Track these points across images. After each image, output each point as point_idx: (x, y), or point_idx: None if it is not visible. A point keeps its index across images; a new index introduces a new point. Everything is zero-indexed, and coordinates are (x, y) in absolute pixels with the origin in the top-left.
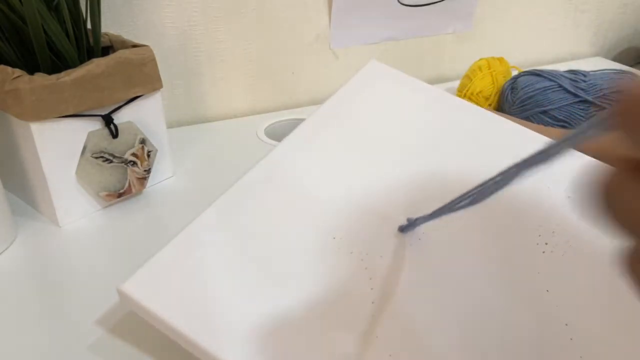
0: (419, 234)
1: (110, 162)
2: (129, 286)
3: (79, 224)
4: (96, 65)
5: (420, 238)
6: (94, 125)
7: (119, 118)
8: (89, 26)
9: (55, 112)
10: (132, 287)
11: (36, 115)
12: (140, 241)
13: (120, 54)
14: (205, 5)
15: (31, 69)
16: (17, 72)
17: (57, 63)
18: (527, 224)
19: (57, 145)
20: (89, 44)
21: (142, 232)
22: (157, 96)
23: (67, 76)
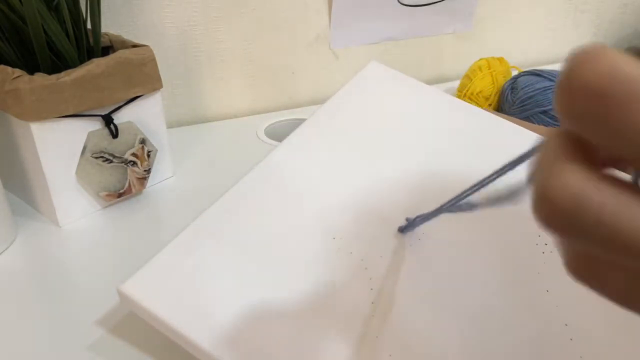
0: (419, 235)
1: (110, 162)
2: (129, 287)
3: (79, 224)
4: (96, 65)
5: (420, 238)
6: (94, 125)
7: (119, 118)
8: (89, 26)
9: (55, 112)
10: (132, 287)
11: (36, 115)
12: (140, 241)
13: (120, 54)
14: (205, 5)
15: (31, 69)
16: (17, 72)
17: (57, 63)
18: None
19: (57, 145)
20: (89, 44)
21: (142, 232)
22: (157, 96)
23: (67, 76)
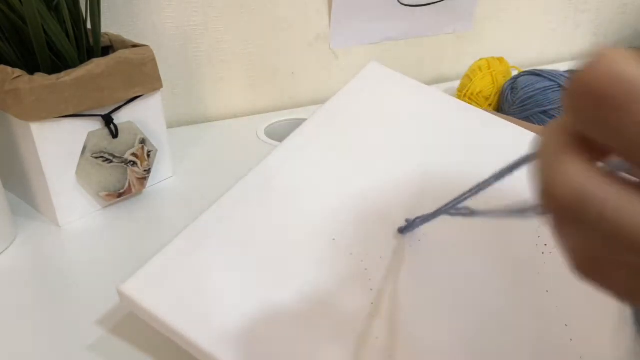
0: (419, 235)
1: (110, 162)
2: (129, 287)
3: (79, 224)
4: (96, 65)
5: (420, 239)
6: (94, 125)
7: (119, 118)
8: (89, 26)
9: (55, 112)
10: (132, 287)
11: (36, 115)
12: (140, 241)
13: (120, 54)
14: (205, 5)
15: (31, 69)
16: (17, 72)
17: (57, 63)
18: (527, 224)
19: (57, 145)
20: (89, 44)
21: (142, 232)
22: (157, 96)
23: (67, 76)
